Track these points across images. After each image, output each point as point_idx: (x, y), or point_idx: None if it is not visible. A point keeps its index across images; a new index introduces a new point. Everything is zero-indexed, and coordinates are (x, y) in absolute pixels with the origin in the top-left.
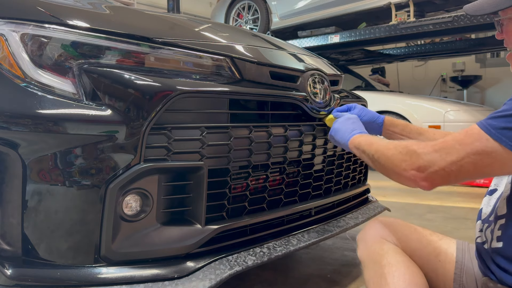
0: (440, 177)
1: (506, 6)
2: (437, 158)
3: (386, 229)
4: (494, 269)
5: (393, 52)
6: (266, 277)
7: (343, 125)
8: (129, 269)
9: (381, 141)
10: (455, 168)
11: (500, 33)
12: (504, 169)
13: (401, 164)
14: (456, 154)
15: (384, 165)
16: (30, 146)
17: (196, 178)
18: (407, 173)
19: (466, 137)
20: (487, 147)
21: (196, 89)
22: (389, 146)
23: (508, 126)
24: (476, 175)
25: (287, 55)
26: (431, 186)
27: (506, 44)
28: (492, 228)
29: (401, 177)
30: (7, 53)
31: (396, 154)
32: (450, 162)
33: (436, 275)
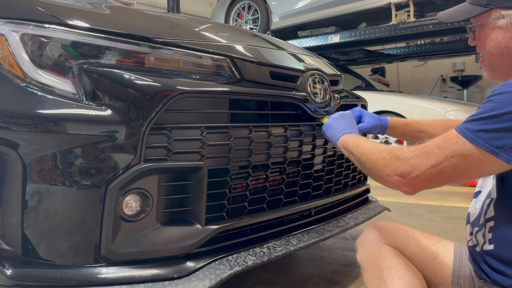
0: (422, 181)
1: (477, 14)
2: (417, 163)
3: (384, 233)
4: (488, 271)
5: (393, 52)
6: (266, 277)
7: (335, 122)
8: (129, 269)
9: (368, 143)
10: (435, 172)
11: (472, 40)
12: (482, 171)
13: (385, 169)
14: (435, 158)
15: (369, 168)
16: (30, 146)
17: (196, 178)
18: (390, 178)
19: (444, 141)
20: (464, 150)
21: (196, 89)
22: (374, 150)
23: (482, 129)
24: (456, 178)
25: (287, 55)
26: (413, 191)
27: (478, 50)
28: (483, 232)
29: (385, 181)
30: (7, 53)
31: (380, 159)
32: (430, 166)
33: (434, 277)
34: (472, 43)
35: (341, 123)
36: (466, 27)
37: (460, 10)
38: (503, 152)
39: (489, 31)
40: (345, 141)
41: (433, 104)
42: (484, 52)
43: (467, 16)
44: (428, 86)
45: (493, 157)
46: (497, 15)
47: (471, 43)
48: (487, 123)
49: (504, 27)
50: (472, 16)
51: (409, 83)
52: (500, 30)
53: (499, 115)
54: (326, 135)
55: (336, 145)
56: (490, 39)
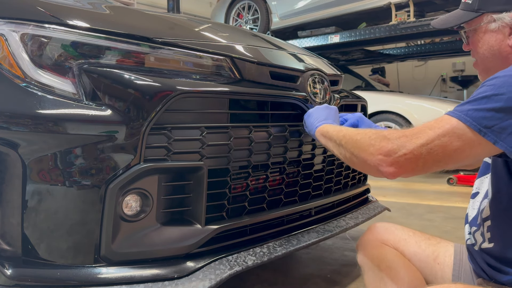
0: (408, 161)
1: (469, 19)
2: (405, 142)
3: (384, 234)
4: (486, 268)
5: (393, 52)
6: (266, 277)
7: (317, 112)
8: (129, 269)
9: (352, 128)
10: (424, 151)
11: (466, 45)
12: (471, 153)
13: (369, 148)
14: (426, 137)
15: (350, 149)
16: (30, 146)
17: (196, 178)
18: (373, 158)
19: (436, 123)
20: (457, 129)
21: (196, 89)
22: (359, 131)
23: (473, 108)
24: (444, 160)
25: (287, 55)
26: (397, 173)
27: (472, 54)
28: (482, 231)
29: (366, 162)
30: (7, 53)
31: (364, 139)
32: (419, 145)
33: (434, 278)
34: (466, 48)
35: (323, 113)
36: (460, 32)
37: (453, 17)
38: (491, 133)
39: (481, 35)
40: (324, 129)
41: (433, 104)
42: (477, 56)
43: (459, 22)
44: (428, 86)
45: (481, 137)
46: (489, 19)
47: (465, 48)
48: (479, 104)
49: (495, 30)
50: (464, 21)
51: (409, 83)
52: (492, 34)
53: (491, 96)
54: (306, 123)
55: (314, 133)
56: (483, 42)
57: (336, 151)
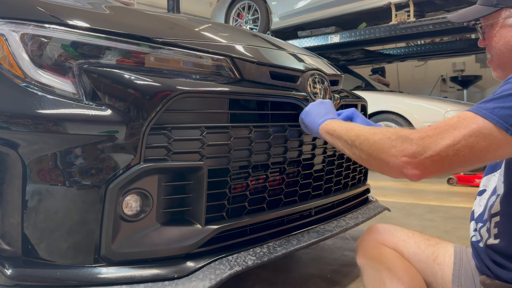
0: (434, 163)
1: (486, 13)
2: (431, 143)
3: (384, 235)
4: (490, 265)
5: (393, 52)
6: (266, 277)
7: (315, 108)
8: (129, 269)
9: (362, 126)
10: (451, 152)
11: (482, 40)
12: (498, 153)
13: (390, 150)
14: (451, 138)
15: (368, 151)
16: (30, 146)
17: (196, 178)
18: (396, 160)
19: (460, 121)
20: (483, 128)
21: (196, 89)
22: (375, 131)
23: (499, 106)
24: (471, 161)
25: (287, 55)
26: (422, 175)
27: (488, 50)
28: (488, 227)
29: (388, 165)
30: (7, 53)
31: (384, 139)
32: (446, 146)
33: (434, 278)
34: (482, 43)
35: (321, 109)
36: (476, 27)
37: (470, 11)
38: None
39: (498, 30)
40: (329, 126)
41: (433, 104)
42: (493, 51)
43: (477, 16)
44: (428, 86)
45: (509, 136)
46: (507, 14)
47: (480, 44)
48: (505, 101)
49: None
50: (482, 16)
51: (409, 83)
52: (510, 29)
53: None
54: (305, 122)
55: (318, 131)
56: (499, 37)
57: (348, 151)
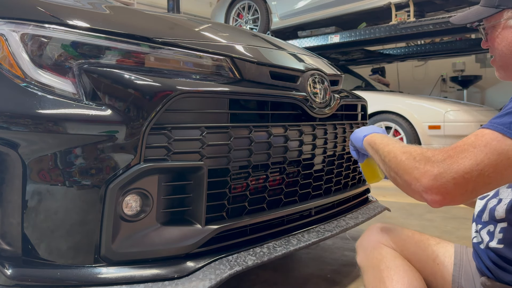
0: (457, 186)
1: (489, 15)
2: (453, 163)
3: (384, 235)
4: (492, 267)
5: (393, 52)
6: (266, 277)
7: (360, 130)
8: (129, 269)
9: (398, 143)
10: (475, 174)
11: (485, 42)
12: None
13: (413, 171)
14: (473, 158)
15: (395, 170)
16: (30, 146)
17: (196, 178)
18: (417, 183)
19: (478, 139)
20: (505, 145)
21: (196, 89)
22: (405, 149)
23: None
24: (496, 181)
25: (287, 55)
26: (443, 200)
27: (491, 51)
28: (490, 230)
29: (410, 187)
30: (7, 53)
31: (409, 160)
32: (469, 166)
33: (434, 278)
34: (485, 45)
35: (365, 128)
36: (479, 29)
37: (472, 13)
38: None
39: (500, 32)
40: (372, 138)
41: (433, 104)
42: (495, 52)
43: (478, 18)
44: (428, 86)
45: None
46: (509, 15)
47: (483, 45)
48: None
49: None
50: (484, 17)
51: (409, 83)
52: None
53: None
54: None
55: (362, 143)
56: (502, 39)
57: (381, 166)
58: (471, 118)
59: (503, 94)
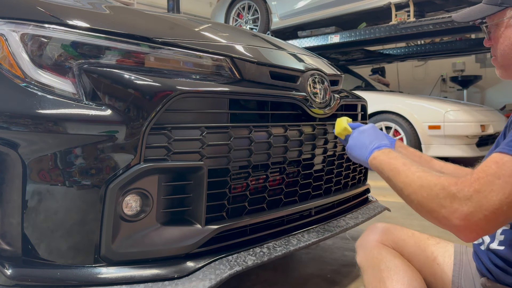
0: (490, 221)
1: (491, 13)
2: (481, 199)
3: (384, 235)
4: (492, 268)
5: (393, 52)
6: (266, 277)
7: (358, 140)
8: (129, 269)
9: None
10: (505, 207)
11: (488, 40)
12: None
13: (441, 210)
14: (501, 191)
15: (417, 205)
16: (30, 146)
17: (196, 178)
18: (448, 222)
19: (501, 169)
20: None
21: (196, 89)
22: (421, 182)
23: None
24: None
25: (287, 55)
26: (477, 236)
27: (493, 51)
28: None
29: (441, 223)
30: (7, 53)
31: (432, 197)
32: (498, 203)
33: (434, 278)
34: (488, 43)
35: (364, 138)
36: (482, 27)
37: (475, 10)
38: None
39: (503, 31)
40: (377, 161)
41: (433, 104)
42: (497, 51)
43: (481, 16)
44: (428, 86)
45: None
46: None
47: (486, 43)
48: None
49: None
50: (486, 15)
51: (409, 83)
52: None
53: None
54: (354, 156)
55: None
56: (504, 37)
57: (398, 194)
58: (471, 118)
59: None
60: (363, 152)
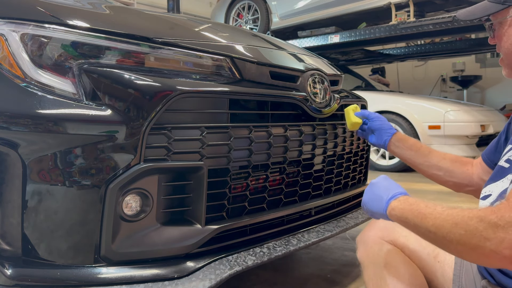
0: None
1: (495, 11)
2: None
3: (385, 231)
4: (493, 271)
5: (393, 52)
6: (266, 277)
7: (371, 194)
8: (129, 269)
9: (433, 209)
10: None
11: (492, 38)
12: None
13: (485, 244)
14: None
15: (456, 246)
16: (30, 146)
17: (196, 178)
18: (497, 256)
19: None
20: None
21: (196, 89)
22: (455, 220)
23: None
24: None
25: (287, 55)
26: None
27: (498, 49)
28: None
29: (488, 259)
30: (7, 53)
31: (471, 232)
32: None
33: (435, 276)
34: (492, 41)
35: (378, 190)
36: (486, 25)
37: (479, 8)
38: None
39: (507, 29)
40: (397, 211)
41: (433, 104)
42: (502, 50)
43: (485, 14)
44: (428, 86)
45: None
46: None
47: (490, 41)
48: None
49: None
50: (490, 13)
51: (409, 83)
52: None
53: None
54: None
55: (387, 217)
56: (508, 36)
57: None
58: (471, 118)
59: (503, 94)
60: (379, 205)
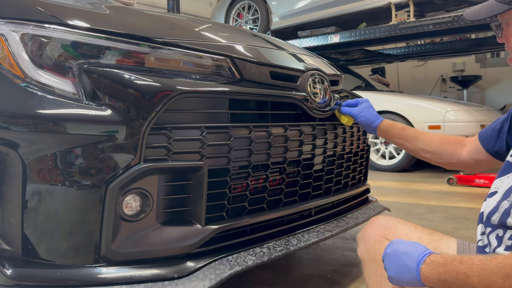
0: None
1: (501, 11)
2: None
3: (386, 228)
4: None
5: (393, 52)
6: (266, 277)
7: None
8: (129, 269)
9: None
10: None
11: (500, 38)
12: None
13: None
14: None
15: None
16: (30, 146)
17: (196, 178)
18: None
19: None
20: None
21: (196, 89)
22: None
23: None
24: None
25: (287, 55)
26: None
27: (506, 48)
28: (499, 235)
29: None
30: (7, 53)
31: None
32: None
33: None
34: (500, 40)
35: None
36: (493, 25)
37: (486, 8)
38: None
39: None
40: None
41: (433, 104)
42: (510, 50)
43: (491, 14)
44: (428, 86)
45: None
46: None
47: (499, 40)
48: None
49: None
50: (495, 13)
51: (409, 83)
52: None
53: None
54: (403, 282)
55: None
56: None
57: None
58: (471, 118)
59: (503, 94)
60: (410, 276)
